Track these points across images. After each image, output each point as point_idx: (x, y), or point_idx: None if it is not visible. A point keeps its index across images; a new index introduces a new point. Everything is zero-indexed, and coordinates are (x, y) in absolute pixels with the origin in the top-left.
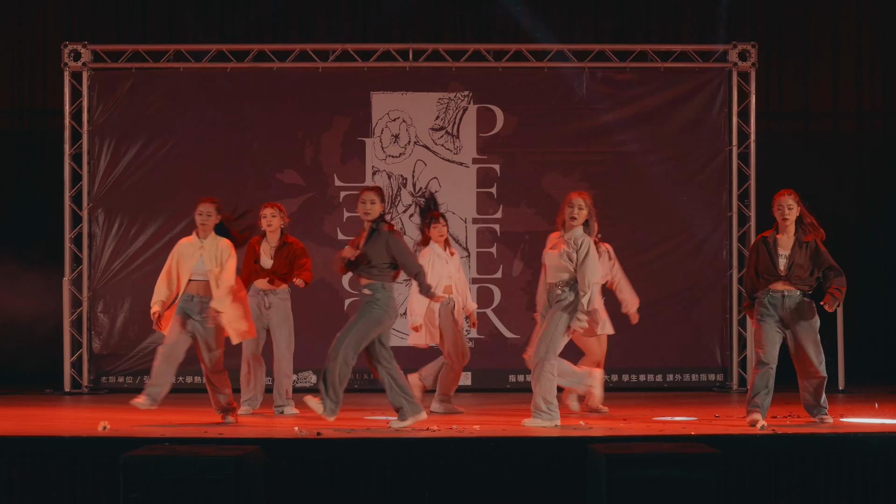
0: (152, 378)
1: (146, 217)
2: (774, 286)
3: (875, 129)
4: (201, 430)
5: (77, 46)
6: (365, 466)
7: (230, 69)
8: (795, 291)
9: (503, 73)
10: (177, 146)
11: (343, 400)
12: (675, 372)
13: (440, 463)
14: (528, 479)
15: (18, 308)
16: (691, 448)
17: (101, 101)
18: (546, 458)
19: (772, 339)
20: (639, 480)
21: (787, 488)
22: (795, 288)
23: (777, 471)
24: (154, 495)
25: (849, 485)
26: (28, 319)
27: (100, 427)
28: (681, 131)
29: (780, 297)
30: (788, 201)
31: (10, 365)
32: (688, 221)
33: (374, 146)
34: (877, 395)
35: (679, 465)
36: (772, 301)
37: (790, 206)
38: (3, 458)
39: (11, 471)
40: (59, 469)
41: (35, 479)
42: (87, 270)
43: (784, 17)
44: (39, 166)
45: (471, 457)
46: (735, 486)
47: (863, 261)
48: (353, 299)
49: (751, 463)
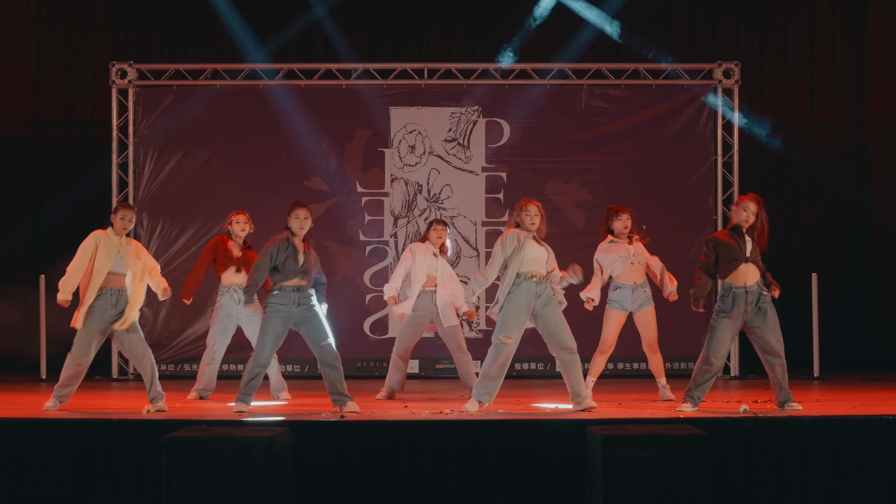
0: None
1: (186, 220)
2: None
3: (847, 139)
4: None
5: (124, 66)
6: (382, 446)
7: (262, 86)
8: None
9: (509, 89)
10: (213, 156)
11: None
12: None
13: (452, 443)
14: (532, 457)
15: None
16: (680, 430)
17: (146, 115)
18: (549, 438)
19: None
20: (632, 459)
21: (768, 467)
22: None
23: (759, 451)
24: (193, 472)
25: (824, 464)
26: None
27: (144, 410)
28: (670, 142)
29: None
30: (752, 206)
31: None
32: (677, 224)
33: (393, 156)
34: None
35: (669, 445)
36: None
37: (754, 210)
38: (57, 438)
39: (64, 450)
40: (107, 449)
41: (86, 458)
42: None
43: (764, 38)
44: (89, 174)
45: (480, 437)
46: (720, 465)
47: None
48: (373, 295)
49: (734, 443)
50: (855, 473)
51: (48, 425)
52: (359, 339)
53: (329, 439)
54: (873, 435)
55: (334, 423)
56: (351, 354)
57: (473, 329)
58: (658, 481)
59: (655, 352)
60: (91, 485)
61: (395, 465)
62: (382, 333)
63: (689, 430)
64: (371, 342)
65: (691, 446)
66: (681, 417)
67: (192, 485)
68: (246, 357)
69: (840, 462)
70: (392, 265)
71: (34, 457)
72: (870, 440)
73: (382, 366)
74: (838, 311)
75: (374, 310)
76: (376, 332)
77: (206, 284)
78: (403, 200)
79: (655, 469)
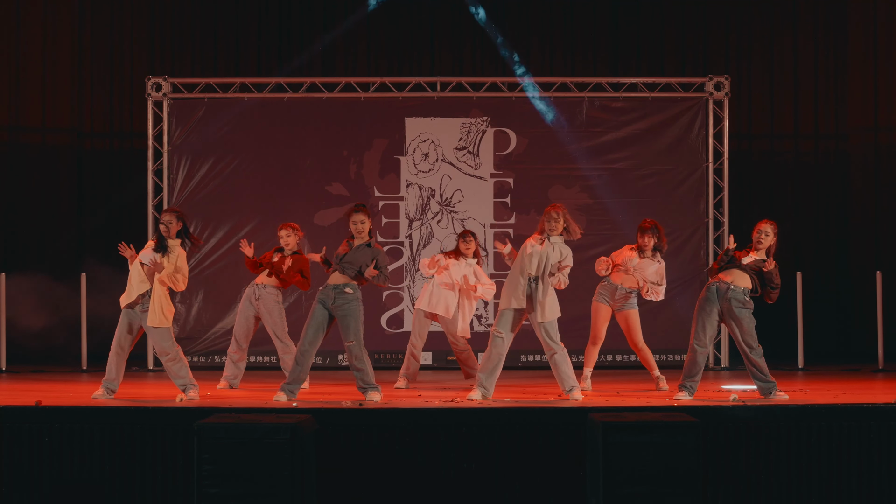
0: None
1: (216, 223)
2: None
3: (829, 147)
4: (262, 401)
5: (159, 80)
6: (399, 432)
7: (287, 99)
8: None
9: (516, 101)
10: (242, 164)
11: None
12: (659, 353)
13: (462, 429)
14: (537, 442)
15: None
16: (674, 417)
17: (179, 126)
18: (552, 425)
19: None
20: (630, 445)
21: (756, 451)
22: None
23: (748, 437)
24: (222, 457)
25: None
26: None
27: (177, 399)
28: (665, 150)
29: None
30: (766, 229)
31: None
32: (671, 227)
33: (408, 163)
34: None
35: (664, 431)
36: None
37: (766, 233)
38: (97, 425)
39: (104, 436)
40: (143, 434)
41: (124, 443)
42: None
43: (752, 53)
44: (127, 181)
45: (488, 424)
46: (712, 450)
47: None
48: (389, 292)
49: (725, 430)
50: (836, 458)
51: (90, 413)
52: (376, 333)
53: (349, 426)
54: (854, 422)
55: (354, 410)
56: (369, 347)
57: (482, 324)
58: (654, 465)
59: (641, 349)
60: (129, 468)
61: (410, 449)
62: (398, 328)
63: (682, 417)
64: (387, 335)
65: (685, 432)
66: (675, 406)
67: (222, 468)
68: (270, 350)
69: (822, 447)
70: (407, 264)
71: (76, 442)
72: (850, 427)
73: (398, 357)
74: (821, 306)
75: (391, 305)
76: (392, 327)
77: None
78: (418, 204)
79: (651, 453)
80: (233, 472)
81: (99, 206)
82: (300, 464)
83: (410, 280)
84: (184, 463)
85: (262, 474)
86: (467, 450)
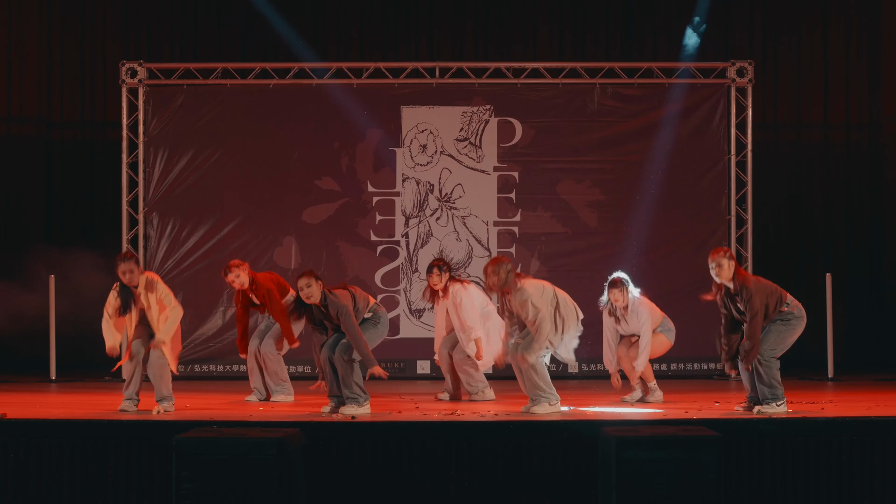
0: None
1: (196, 220)
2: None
3: (861, 139)
4: (246, 414)
5: (134, 65)
6: (393, 447)
7: (273, 86)
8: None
9: (521, 88)
10: (224, 156)
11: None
12: (678, 361)
13: (464, 444)
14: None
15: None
16: (693, 431)
17: (156, 115)
18: (562, 439)
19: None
20: (646, 461)
21: (782, 468)
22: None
23: (773, 452)
24: (203, 474)
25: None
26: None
27: (154, 412)
28: (684, 141)
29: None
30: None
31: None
32: (690, 224)
33: (404, 155)
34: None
35: (682, 446)
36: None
37: (718, 264)
38: (70, 439)
39: (74, 451)
40: (118, 449)
41: (97, 459)
42: None
43: (778, 36)
44: (99, 174)
45: (492, 438)
46: (734, 466)
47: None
48: (384, 295)
49: (748, 444)
50: (869, 475)
51: (59, 426)
52: None
53: (339, 441)
54: (888, 436)
55: (345, 424)
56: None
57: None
58: (671, 483)
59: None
60: (102, 486)
61: (407, 465)
62: (394, 334)
63: (702, 431)
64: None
65: (705, 448)
66: (694, 419)
67: (203, 486)
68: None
69: (854, 463)
70: (403, 265)
71: (45, 457)
72: (884, 442)
73: (394, 366)
74: (853, 311)
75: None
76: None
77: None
78: (415, 200)
79: (668, 470)
80: (214, 491)
81: (69, 202)
82: (287, 481)
83: (407, 283)
84: (161, 481)
85: (247, 493)
86: (467, 466)
